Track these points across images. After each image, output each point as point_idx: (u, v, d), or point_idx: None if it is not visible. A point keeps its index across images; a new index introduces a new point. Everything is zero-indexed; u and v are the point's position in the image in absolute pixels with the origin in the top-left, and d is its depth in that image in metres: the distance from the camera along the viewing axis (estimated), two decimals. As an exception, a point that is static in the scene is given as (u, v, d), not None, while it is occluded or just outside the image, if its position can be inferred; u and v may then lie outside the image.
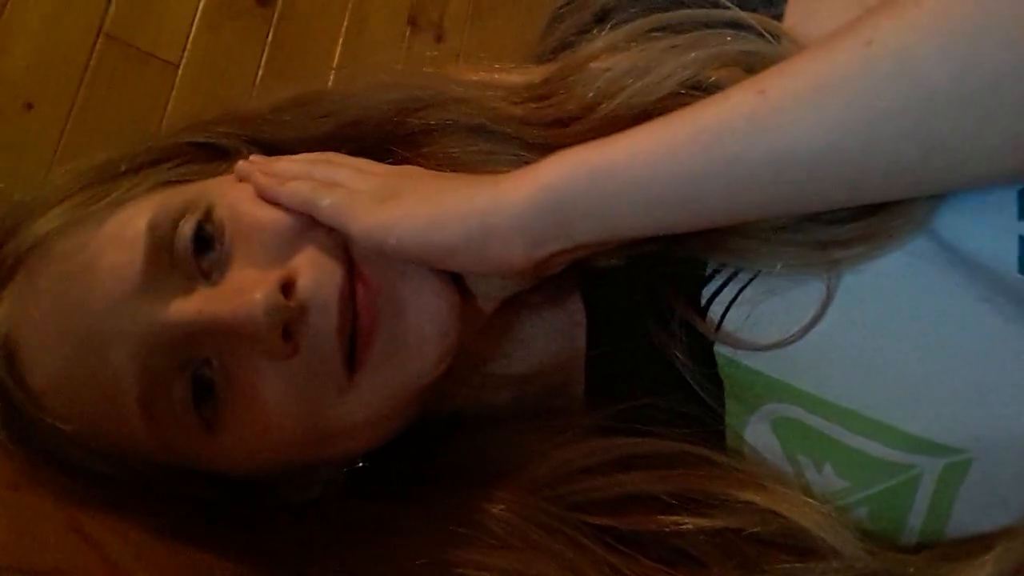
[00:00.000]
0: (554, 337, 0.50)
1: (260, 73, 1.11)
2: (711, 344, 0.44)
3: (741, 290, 0.43)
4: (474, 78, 0.50)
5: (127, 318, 0.41)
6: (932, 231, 0.40)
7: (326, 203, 0.42)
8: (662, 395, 0.45)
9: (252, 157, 0.48)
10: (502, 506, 0.44)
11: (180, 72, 1.03)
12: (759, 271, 0.43)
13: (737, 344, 0.43)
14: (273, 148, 0.50)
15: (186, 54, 1.04)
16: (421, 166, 0.46)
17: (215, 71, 1.06)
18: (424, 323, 0.43)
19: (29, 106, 0.91)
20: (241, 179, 0.46)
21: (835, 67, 0.34)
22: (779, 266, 0.42)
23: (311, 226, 0.43)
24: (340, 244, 0.43)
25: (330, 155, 0.47)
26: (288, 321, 0.41)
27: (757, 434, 0.44)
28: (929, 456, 0.40)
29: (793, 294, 0.42)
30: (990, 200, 0.39)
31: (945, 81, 0.32)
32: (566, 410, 0.50)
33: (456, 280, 0.45)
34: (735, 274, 0.43)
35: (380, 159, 0.47)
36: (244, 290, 0.41)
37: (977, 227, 0.40)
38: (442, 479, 0.47)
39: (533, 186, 0.39)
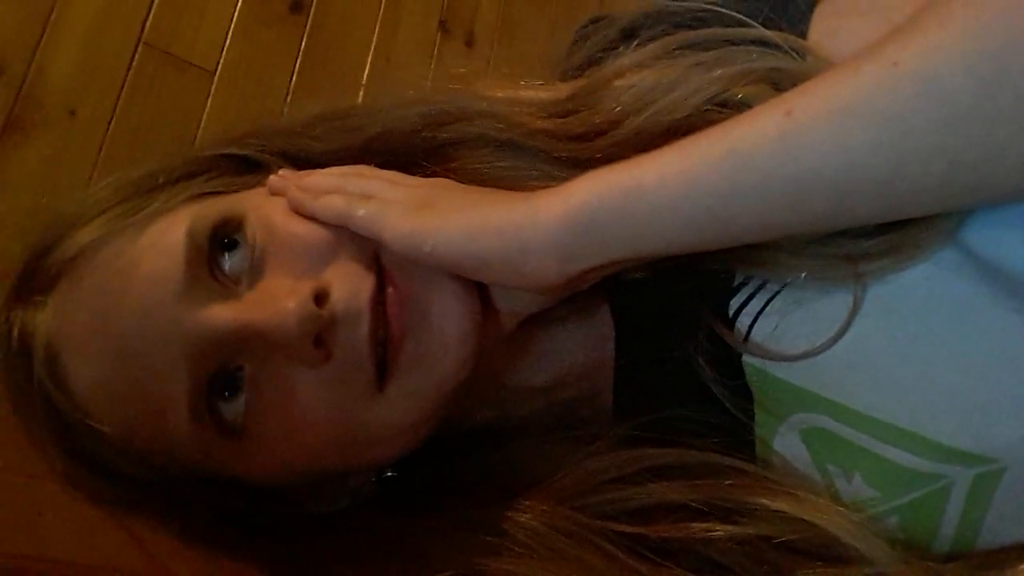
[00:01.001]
0: (581, 348, 0.50)
1: (294, 78, 1.13)
2: (739, 355, 0.44)
3: (769, 301, 0.43)
4: (500, 95, 0.50)
5: (168, 322, 0.42)
6: (960, 241, 0.40)
7: (361, 213, 0.43)
8: (691, 406, 0.45)
9: (282, 172, 0.48)
10: (530, 515, 0.44)
11: (216, 78, 1.05)
12: (787, 282, 0.43)
13: (765, 355, 0.43)
14: (303, 161, 0.51)
15: (222, 61, 1.06)
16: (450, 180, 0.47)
17: (250, 77, 1.09)
18: (446, 328, 0.43)
19: (72, 113, 0.93)
20: (274, 193, 0.47)
21: (860, 88, 0.34)
22: (804, 277, 0.42)
23: (343, 238, 0.44)
24: (371, 255, 0.44)
25: (361, 168, 0.47)
26: (320, 330, 0.41)
27: (786, 444, 0.44)
28: (960, 466, 0.40)
29: (820, 305, 0.42)
30: (1018, 211, 0.39)
31: (970, 102, 0.33)
32: (594, 420, 0.50)
33: (481, 291, 0.45)
34: (763, 285, 0.44)
35: (409, 173, 0.48)
36: (278, 298, 0.42)
37: (1005, 237, 0.40)
38: (470, 491, 0.47)
39: (566, 205, 0.39)
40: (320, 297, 0.42)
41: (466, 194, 0.44)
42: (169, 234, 0.44)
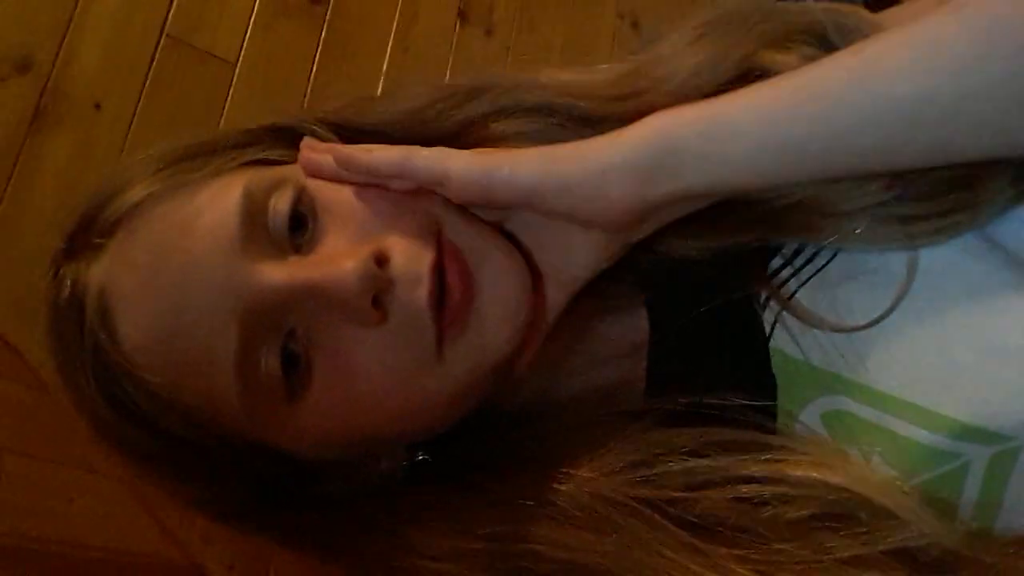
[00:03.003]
0: (619, 336, 0.51)
1: (314, 68, 1.14)
2: (766, 344, 0.45)
3: (807, 280, 0.45)
4: (563, 76, 0.50)
5: (222, 276, 0.42)
6: (988, 236, 0.42)
7: (424, 154, 0.43)
8: (717, 394, 0.45)
9: (308, 140, 0.48)
10: (570, 485, 0.44)
11: (237, 70, 1.06)
12: (827, 264, 0.45)
13: (808, 320, 0.44)
14: (351, 131, 0.50)
15: (243, 52, 1.07)
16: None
17: (271, 68, 1.09)
18: (501, 300, 0.43)
19: (97, 106, 0.95)
20: (310, 166, 0.46)
21: (928, 25, 0.38)
22: (857, 231, 0.43)
23: (402, 209, 0.44)
24: (432, 229, 0.44)
25: (410, 147, 0.46)
26: (379, 290, 0.41)
27: (807, 429, 0.45)
28: (977, 444, 0.41)
29: (863, 282, 0.44)
30: None
31: None
32: (628, 402, 0.50)
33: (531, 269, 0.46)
34: (804, 265, 0.45)
35: None
36: (336, 258, 0.42)
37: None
38: (505, 469, 0.47)
39: (647, 128, 0.41)
40: (380, 260, 0.42)
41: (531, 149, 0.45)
42: (227, 192, 0.44)
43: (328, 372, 0.43)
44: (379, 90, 1.20)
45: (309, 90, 1.13)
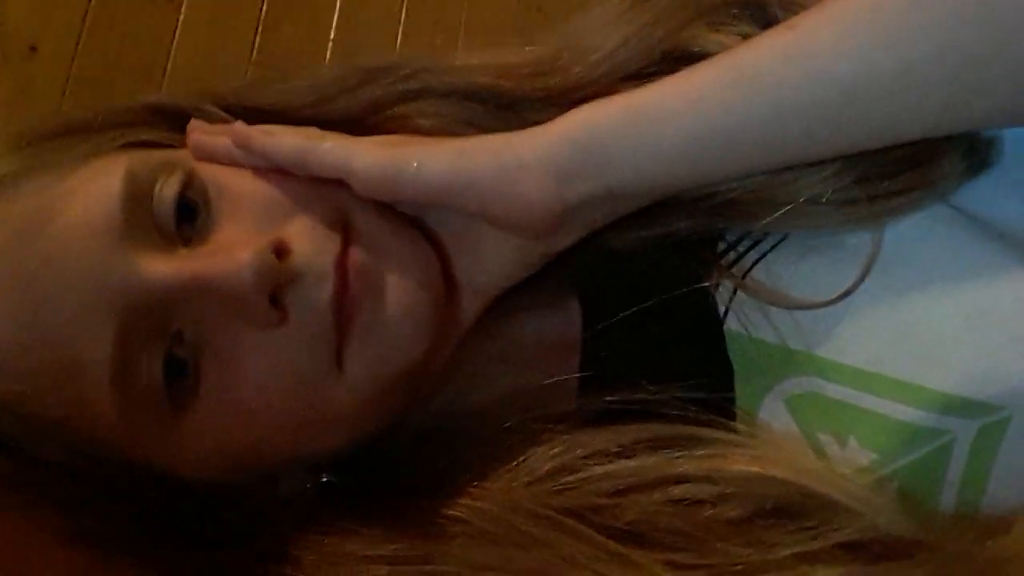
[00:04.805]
0: (548, 336, 0.47)
1: (264, 6, 1.09)
2: (719, 326, 0.42)
3: (762, 257, 0.42)
4: (474, 61, 0.46)
5: (99, 271, 0.37)
6: (962, 207, 0.40)
7: (327, 145, 0.38)
8: (667, 383, 0.41)
9: (196, 122, 0.43)
10: (486, 501, 0.40)
11: (184, 8, 1.01)
12: (783, 239, 0.42)
13: (767, 297, 0.41)
14: (249, 114, 0.45)
15: (189, -14, 1.02)
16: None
17: (218, 5, 1.04)
18: (405, 304, 0.39)
19: (33, 49, 0.90)
20: (201, 148, 0.41)
21: None
22: (825, 200, 0.40)
23: (304, 194, 0.39)
24: (340, 214, 0.40)
25: (312, 129, 0.42)
26: (278, 286, 0.37)
27: (771, 416, 0.41)
28: (963, 418, 0.38)
29: (824, 257, 0.41)
30: (1009, 177, 0.41)
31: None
32: (558, 405, 0.45)
33: (446, 272, 0.42)
34: (756, 243, 0.42)
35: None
36: (231, 248, 0.37)
37: (994, 195, 0.40)
38: (416, 487, 0.42)
39: (566, 123, 0.38)
40: (280, 250, 0.37)
41: (442, 139, 0.41)
42: (104, 176, 0.38)
43: (217, 381, 0.38)
44: (333, 28, 1.16)
45: (260, 28, 1.08)
